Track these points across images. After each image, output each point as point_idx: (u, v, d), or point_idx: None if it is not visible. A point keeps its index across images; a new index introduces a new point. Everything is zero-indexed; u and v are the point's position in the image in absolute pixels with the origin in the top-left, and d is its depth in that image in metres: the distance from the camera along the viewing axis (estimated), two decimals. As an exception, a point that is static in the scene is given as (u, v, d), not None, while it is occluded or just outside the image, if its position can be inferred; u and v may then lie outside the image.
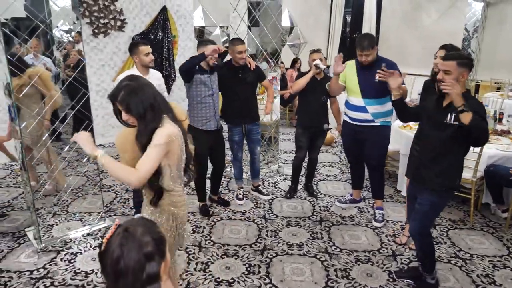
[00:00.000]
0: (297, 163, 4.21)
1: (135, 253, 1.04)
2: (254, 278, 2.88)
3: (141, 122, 1.84)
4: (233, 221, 3.76)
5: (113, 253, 1.04)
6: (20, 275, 2.91)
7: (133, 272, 1.03)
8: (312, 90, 3.91)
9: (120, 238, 1.06)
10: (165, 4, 6.38)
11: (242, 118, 3.92)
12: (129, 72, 3.31)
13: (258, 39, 4.86)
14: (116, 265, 1.03)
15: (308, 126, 4.03)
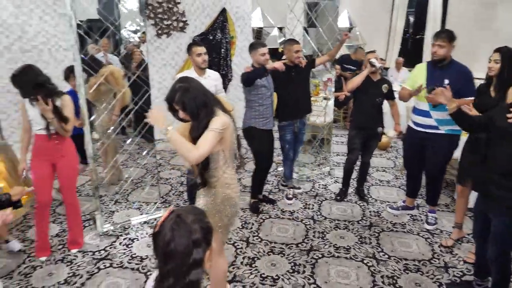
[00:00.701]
0: (349, 165, 4.16)
1: (185, 238, 1.13)
2: (298, 277, 2.92)
3: (195, 119, 2.06)
4: (281, 220, 3.81)
5: (165, 236, 1.14)
6: (84, 255, 3.19)
7: (181, 256, 1.12)
8: (367, 91, 3.86)
9: (172, 223, 1.15)
10: (224, 6, 6.57)
11: (294, 116, 3.99)
12: (188, 72, 3.50)
13: (314, 40, 4.87)
14: (167, 247, 1.12)
15: (362, 128, 3.97)
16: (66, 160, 3.04)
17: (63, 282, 2.86)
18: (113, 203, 4.03)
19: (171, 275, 1.13)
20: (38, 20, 5.17)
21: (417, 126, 3.49)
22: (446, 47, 3.19)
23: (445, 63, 3.27)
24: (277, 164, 5.18)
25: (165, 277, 1.14)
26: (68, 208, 3.19)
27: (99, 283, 2.85)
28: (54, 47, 5.35)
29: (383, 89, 3.87)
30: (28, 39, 5.14)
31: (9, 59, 5.06)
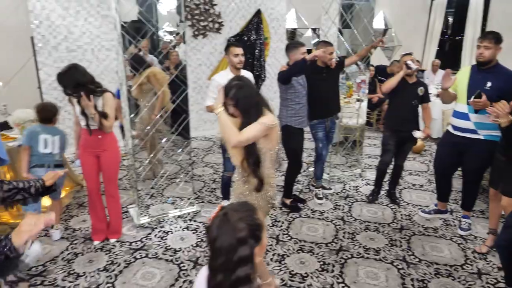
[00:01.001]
0: (382, 167, 4.14)
1: (229, 236, 1.17)
2: (327, 276, 2.96)
3: (245, 117, 2.18)
4: (311, 219, 3.85)
5: (212, 233, 1.20)
6: (121, 245, 3.36)
7: (226, 253, 1.16)
8: (402, 93, 3.84)
9: (219, 221, 1.21)
10: (259, 8, 6.66)
11: (325, 115, 4.05)
12: (224, 72, 3.60)
13: (348, 41, 4.86)
14: (213, 243, 1.19)
15: (396, 130, 3.93)
16: (108, 154, 3.21)
17: (102, 269, 3.03)
18: (148, 197, 4.21)
19: (220, 271, 1.18)
20: (83, 21, 5.45)
21: (455, 130, 3.43)
22: (492, 49, 3.12)
23: (490, 65, 3.19)
24: (308, 164, 5.22)
25: (215, 273, 1.20)
26: (109, 199, 3.37)
27: (136, 272, 3.00)
28: (97, 47, 5.62)
29: (419, 92, 3.83)
30: (74, 39, 5.43)
31: (56, 58, 5.37)
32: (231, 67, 3.57)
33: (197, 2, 6.10)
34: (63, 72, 3.00)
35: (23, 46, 5.41)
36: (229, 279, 1.16)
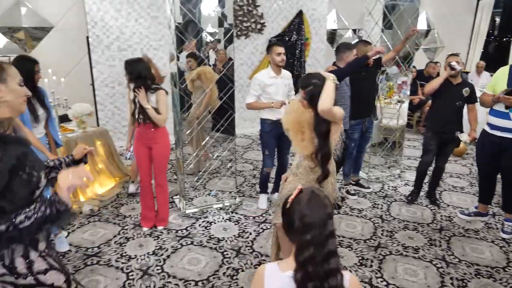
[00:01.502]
0: (423, 167, 4.13)
1: (321, 210, 1.26)
2: (365, 270, 3.03)
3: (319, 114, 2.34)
4: (349, 216, 3.92)
5: (301, 210, 1.27)
6: (168, 232, 3.58)
7: (319, 226, 1.24)
8: (446, 94, 3.79)
9: (308, 198, 1.28)
10: (301, 9, 6.77)
11: (365, 114, 4.12)
12: (265, 71, 3.74)
13: (391, 42, 4.88)
14: (303, 219, 1.25)
15: (438, 132, 3.90)
16: (160, 146, 3.43)
17: (151, 253, 3.25)
18: (192, 189, 4.42)
19: (311, 244, 1.22)
20: (134, 22, 5.77)
21: (493, 129, 3.40)
22: None
23: None
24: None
25: (305, 247, 1.23)
26: (158, 189, 3.60)
27: (182, 257, 3.20)
28: (145, 47, 5.93)
29: (464, 93, 3.76)
30: (125, 39, 5.76)
31: (109, 56, 5.72)
32: (273, 65, 3.69)
33: (240, 4, 6.29)
34: (131, 61, 3.25)
35: (79, 45, 5.80)
36: (321, 253, 1.22)
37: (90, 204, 3.98)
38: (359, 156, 4.48)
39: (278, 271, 1.30)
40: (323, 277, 1.21)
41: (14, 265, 1.39)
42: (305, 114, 2.46)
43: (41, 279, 1.45)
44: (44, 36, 5.81)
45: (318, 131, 2.39)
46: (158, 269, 3.03)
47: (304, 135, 2.46)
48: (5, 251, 1.37)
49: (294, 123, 2.50)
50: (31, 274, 1.43)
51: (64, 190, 1.36)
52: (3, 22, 5.51)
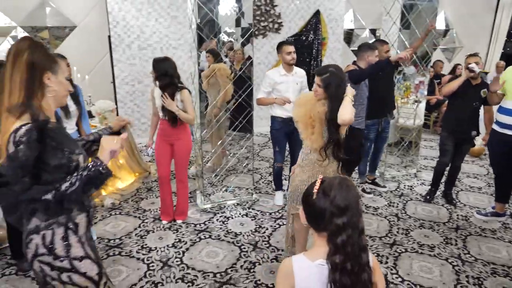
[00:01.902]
0: (440, 167, 4.15)
1: (354, 192, 1.32)
2: (381, 266, 3.07)
3: (330, 100, 2.42)
4: (365, 214, 3.95)
5: (336, 195, 1.28)
6: (187, 226, 3.68)
7: (354, 207, 1.29)
8: (464, 95, 3.79)
9: (339, 184, 1.31)
10: (318, 8, 6.81)
11: (381, 114, 4.15)
12: (276, 68, 3.81)
13: (408, 42, 4.88)
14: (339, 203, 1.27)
15: (454, 132, 3.91)
16: (182, 142, 3.52)
17: (171, 246, 3.35)
18: (210, 185, 4.52)
19: (349, 225, 1.26)
20: (154, 22, 5.90)
21: (502, 128, 3.40)
22: None
23: None
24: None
25: (342, 230, 1.26)
26: (179, 183, 3.69)
27: (201, 250, 3.29)
28: (165, 46, 6.05)
29: (482, 94, 3.76)
30: (145, 38, 5.90)
31: (129, 55, 5.87)
32: (284, 64, 3.76)
33: (258, 3, 6.36)
34: (158, 59, 3.35)
35: (101, 44, 5.96)
36: (357, 231, 1.27)
37: (112, 198, 4.10)
38: (376, 155, 4.52)
39: (306, 261, 1.33)
40: (358, 255, 1.27)
41: (54, 245, 1.47)
42: (315, 107, 2.50)
43: (75, 265, 1.51)
44: (66, 36, 5.99)
45: (331, 123, 2.43)
46: (177, 260, 3.13)
47: (314, 129, 2.51)
48: (46, 232, 1.46)
49: (305, 117, 2.54)
50: (67, 257, 1.49)
51: (107, 153, 1.45)
52: (29, 22, 5.71)
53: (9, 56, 1.42)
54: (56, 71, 1.49)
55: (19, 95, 1.39)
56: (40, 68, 1.43)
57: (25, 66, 1.39)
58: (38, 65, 1.42)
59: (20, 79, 1.39)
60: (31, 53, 1.41)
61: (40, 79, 1.44)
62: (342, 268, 1.26)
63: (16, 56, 1.40)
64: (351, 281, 1.26)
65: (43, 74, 1.44)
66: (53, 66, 1.48)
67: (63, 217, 1.49)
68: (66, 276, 1.50)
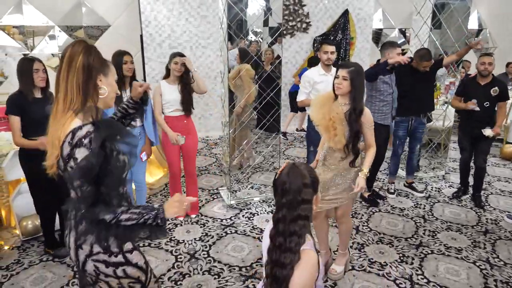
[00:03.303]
0: (462, 165, 4.32)
1: (298, 179, 1.48)
2: (406, 267, 3.06)
3: (354, 93, 2.50)
4: (391, 214, 3.94)
5: (282, 178, 1.50)
6: (214, 221, 3.77)
7: (293, 193, 1.47)
8: (474, 95, 3.91)
9: (288, 169, 1.52)
10: (347, 8, 6.78)
11: (409, 112, 4.12)
12: (315, 68, 3.83)
13: (439, 42, 4.80)
14: (283, 186, 1.49)
15: (467, 131, 4.07)
16: (191, 137, 3.59)
17: (198, 239, 3.45)
18: (235, 182, 4.60)
19: (285, 207, 1.47)
20: (185, 21, 6.04)
21: None
22: None
23: None
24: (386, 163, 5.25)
25: (280, 209, 1.49)
26: (189, 179, 3.76)
27: (227, 244, 3.37)
28: (194, 45, 6.18)
29: (492, 93, 3.84)
30: (176, 37, 6.05)
31: (160, 54, 6.03)
32: (321, 63, 3.78)
33: (287, 3, 6.40)
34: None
35: (133, 43, 6.15)
36: (292, 214, 1.46)
37: (142, 192, 4.24)
38: (410, 157, 4.45)
39: (268, 228, 1.59)
40: (288, 235, 1.45)
41: (109, 243, 1.50)
42: (334, 109, 2.54)
43: (128, 258, 1.56)
44: (100, 35, 6.21)
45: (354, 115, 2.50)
46: (204, 254, 3.22)
47: (336, 130, 2.53)
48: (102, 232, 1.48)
49: (324, 120, 2.56)
50: (121, 252, 1.53)
51: (172, 215, 1.50)
52: (65, 21, 5.96)
53: (63, 58, 1.46)
54: (107, 73, 1.54)
55: (76, 97, 1.43)
56: (95, 71, 1.48)
57: (81, 69, 1.43)
58: (93, 68, 1.47)
59: (76, 82, 1.43)
60: (86, 56, 1.45)
61: (95, 81, 1.49)
62: (273, 242, 1.48)
63: (71, 59, 1.44)
64: (276, 256, 1.46)
65: (97, 77, 1.50)
66: (105, 69, 1.53)
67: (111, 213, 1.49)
68: (121, 270, 1.54)
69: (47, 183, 3.07)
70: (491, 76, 3.91)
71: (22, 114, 2.83)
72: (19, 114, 2.82)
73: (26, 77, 2.83)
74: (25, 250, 3.24)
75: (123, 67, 3.24)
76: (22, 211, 3.43)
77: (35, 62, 2.87)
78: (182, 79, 3.46)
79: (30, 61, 2.87)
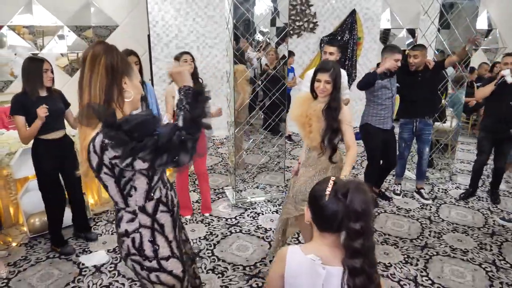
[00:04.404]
0: (477, 167, 4.22)
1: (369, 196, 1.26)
2: (411, 268, 3.04)
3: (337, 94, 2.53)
4: (396, 215, 3.92)
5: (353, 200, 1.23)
6: (218, 220, 3.79)
7: (369, 215, 1.24)
8: (500, 93, 3.79)
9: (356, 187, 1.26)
10: (354, 8, 6.75)
11: (411, 115, 4.07)
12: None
13: (447, 42, 4.76)
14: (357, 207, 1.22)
15: (492, 131, 3.94)
16: (201, 136, 3.61)
17: (203, 238, 3.47)
18: (241, 182, 4.61)
19: (364, 232, 1.22)
20: (192, 21, 6.07)
21: None
22: None
23: None
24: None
25: (360, 233, 1.22)
26: (200, 175, 3.80)
27: (231, 243, 3.38)
28: (201, 45, 6.21)
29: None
30: (183, 37, 6.08)
31: (167, 53, 6.07)
32: None
33: (294, 3, 6.40)
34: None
35: (141, 43, 6.19)
36: (370, 237, 1.24)
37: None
38: (420, 162, 4.34)
39: (300, 253, 1.33)
40: (368, 270, 1.23)
41: (143, 247, 1.47)
42: (312, 106, 2.57)
43: (163, 265, 1.51)
44: (109, 34, 6.26)
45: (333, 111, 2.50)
46: (208, 252, 3.23)
47: (312, 127, 2.55)
48: (135, 235, 1.47)
49: (302, 117, 2.59)
50: (155, 258, 1.49)
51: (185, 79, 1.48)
52: (74, 21, 6.02)
53: (85, 60, 1.38)
54: (131, 74, 1.46)
55: (98, 100, 1.36)
56: (119, 72, 1.40)
57: (104, 71, 1.36)
58: (117, 70, 1.39)
59: (100, 85, 1.36)
60: (108, 57, 1.37)
61: (120, 84, 1.41)
62: (361, 270, 1.23)
63: (94, 61, 1.36)
64: (365, 282, 1.23)
65: (122, 80, 1.42)
66: (129, 70, 1.45)
67: (149, 220, 1.48)
68: (154, 275, 1.51)
69: (57, 182, 3.14)
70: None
71: (27, 114, 2.86)
72: (24, 114, 2.86)
73: (35, 77, 2.87)
74: (32, 247, 3.29)
75: None
76: (30, 208, 3.48)
77: (45, 62, 2.91)
78: (193, 78, 3.48)
79: (40, 62, 2.90)
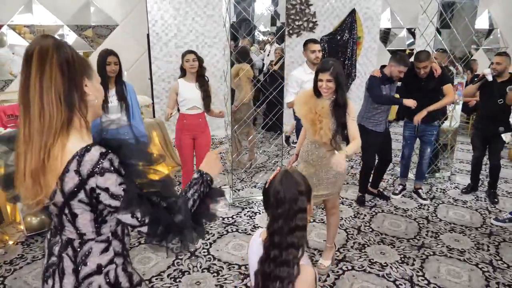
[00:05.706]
0: (473, 161, 4.35)
1: (292, 188, 1.38)
2: (407, 268, 3.04)
3: (343, 88, 2.52)
4: (394, 215, 3.91)
5: (276, 187, 1.39)
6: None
7: (289, 202, 1.37)
8: (489, 93, 3.88)
9: (282, 177, 1.41)
10: (354, 7, 6.74)
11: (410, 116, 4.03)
12: (301, 67, 3.83)
13: (447, 41, 4.74)
14: (277, 195, 1.37)
15: (481, 129, 4.08)
16: (205, 135, 3.61)
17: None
18: (239, 181, 4.61)
19: (281, 217, 1.35)
20: (191, 21, 6.07)
21: None
22: None
23: None
24: (394, 164, 5.21)
25: (275, 220, 1.37)
26: None
27: (227, 242, 3.38)
28: (201, 44, 6.21)
29: (508, 90, 3.78)
30: (182, 36, 6.08)
31: (166, 53, 6.07)
32: (308, 62, 3.77)
33: (293, 2, 6.39)
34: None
35: (140, 42, 6.20)
36: (289, 225, 1.35)
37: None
38: (420, 162, 4.32)
39: (257, 237, 1.52)
40: (284, 247, 1.35)
41: (119, 280, 1.25)
42: (319, 103, 2.55)
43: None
44: (109, 34, 6.27)
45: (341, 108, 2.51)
46: (204, 251, 3.23)
47: (322, 124, 2.53)
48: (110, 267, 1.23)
49: (310, 113, 2.57)
50: (131, 287, 1.31)
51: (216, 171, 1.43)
52: (74, 21, 6.03)
53: (31, 59, 1.06)
54: (91, 75, 1.18)
55: (56, 111, 1.06)
56: (78, 72, 1.12)
57: (58, 70, 1.07)
58: (74, 68, 1.10)
59: (55, 88, 1.06)
60: (61, 53, 1.08)
61: (80, 86, 1.13)
62: (268, 254, 1.38)
63: (43, 59, 1.05)
64: (270, 270, 1.36)
65: (81, 80, 1.13)
66: (88, 70, 1.17)
67: (120, 245, 1.27)
68: None
69: None
70: (508, 74, 3.89)
71: None
72: None
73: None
74: (29, 245, 3.29)
75: (107, 68, 3.22)
76: (27, 207, 3.48)
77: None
78: (199, 76, 3.47)
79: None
